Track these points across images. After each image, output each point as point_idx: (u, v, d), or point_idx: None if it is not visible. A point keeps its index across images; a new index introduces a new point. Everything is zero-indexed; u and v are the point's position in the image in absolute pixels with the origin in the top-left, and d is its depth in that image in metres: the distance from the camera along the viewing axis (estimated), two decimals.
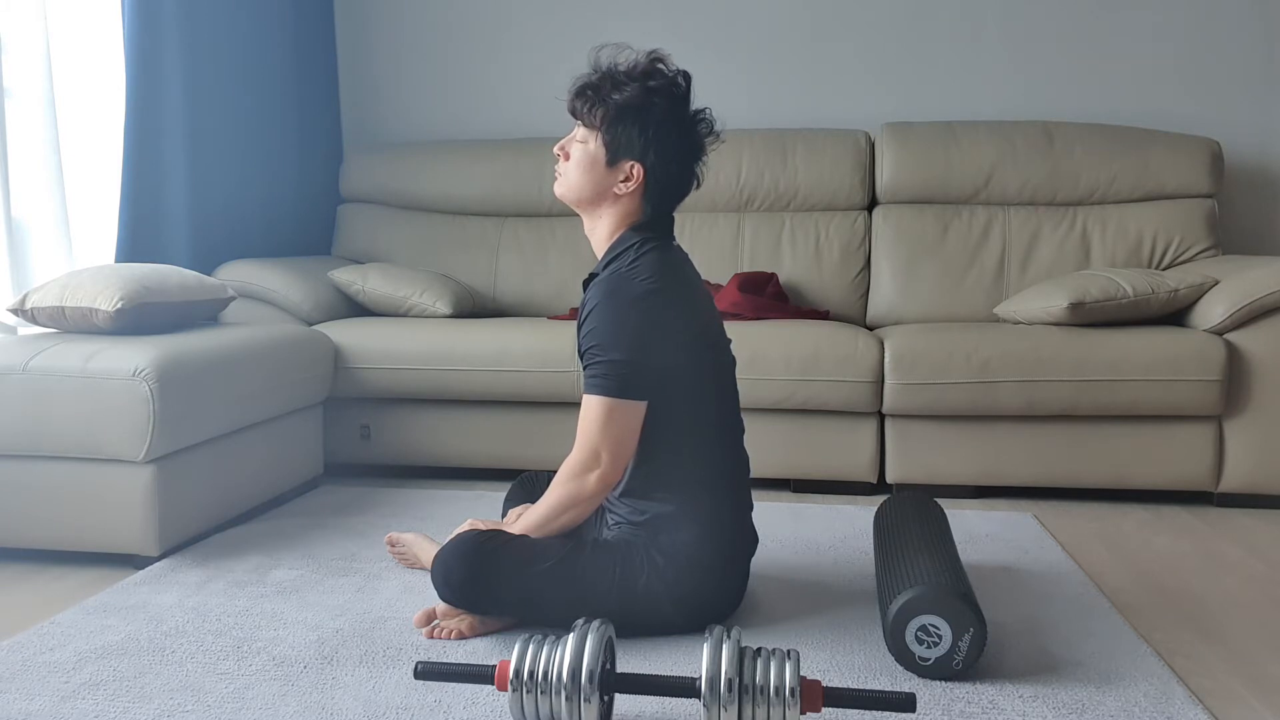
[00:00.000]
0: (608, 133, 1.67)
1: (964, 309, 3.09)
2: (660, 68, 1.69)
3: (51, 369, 2.05)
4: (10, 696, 1.47)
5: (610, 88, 1.66)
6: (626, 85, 1.66)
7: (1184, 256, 3.07)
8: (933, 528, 1.80)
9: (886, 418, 2.69)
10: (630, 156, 1.67)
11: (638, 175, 1.68)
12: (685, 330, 1.66)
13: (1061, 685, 1.51)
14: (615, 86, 1.66)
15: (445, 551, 1.65)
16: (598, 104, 1.67)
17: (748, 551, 1.78)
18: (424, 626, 1.71)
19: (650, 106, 1.66)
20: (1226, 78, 3.35)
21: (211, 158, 3.00)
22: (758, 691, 1.24)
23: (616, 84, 1.67)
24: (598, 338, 1.63)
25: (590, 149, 1.69)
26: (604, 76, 1.68)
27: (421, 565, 2.01)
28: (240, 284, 2.94)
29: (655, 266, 1.65)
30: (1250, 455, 2.55)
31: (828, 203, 3.30)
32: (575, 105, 1.70)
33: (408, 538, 2.05)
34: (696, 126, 1.71)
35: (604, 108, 1.66)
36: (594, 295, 1.67)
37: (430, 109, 3.74)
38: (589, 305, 1.67)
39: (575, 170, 1.71)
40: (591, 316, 1.65)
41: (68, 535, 2.08)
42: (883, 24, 3.50)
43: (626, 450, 1.64)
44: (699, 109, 1.72)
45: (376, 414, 2.87)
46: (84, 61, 2.83)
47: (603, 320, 1.63)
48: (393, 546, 2.07)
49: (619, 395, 1.62)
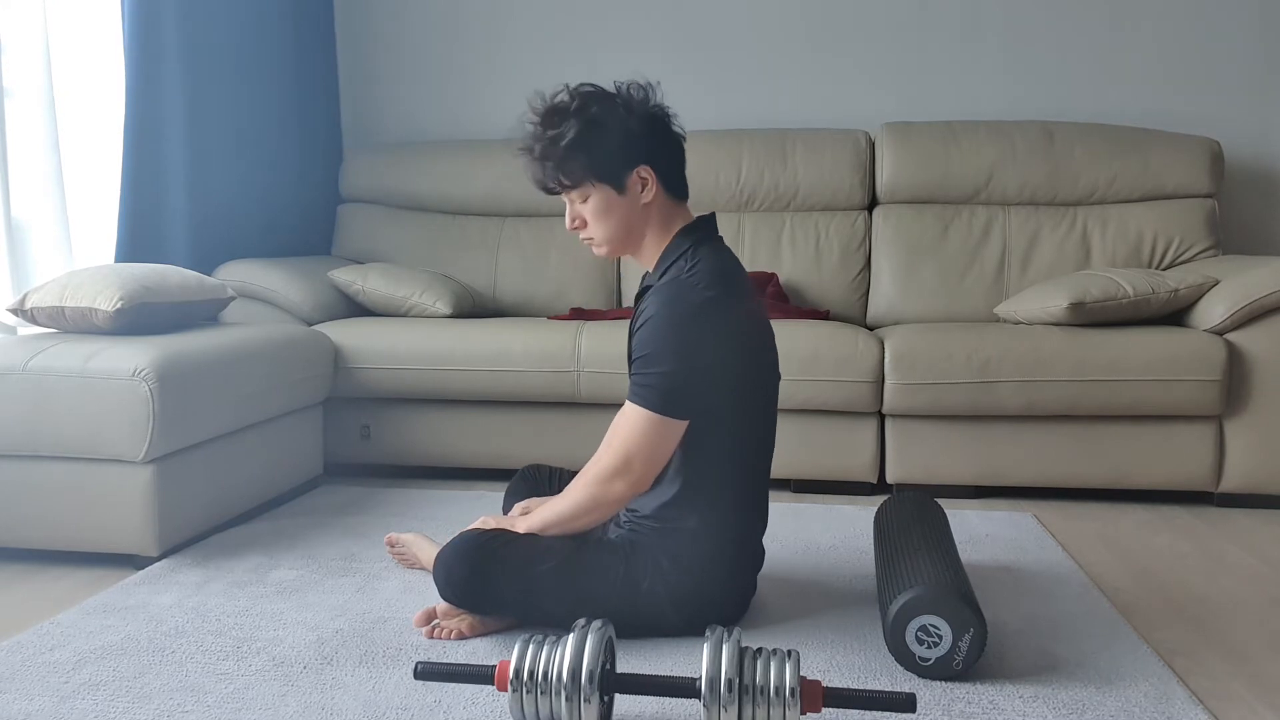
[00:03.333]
0: (593, 170, 1.62)
1: (964, 309, 3.09)
2: (562, 92, 1.65)
3: (51, 369, 2.05)
4: (10, 696, 1.47)
5: (555, 141, 1.61)
6: (562, 122, 1.61)
7: (1184, 256, 3.07)
8: (933, 528, 1.80)
9: (886, 418, 2.69)
10: (627, 167, 1.63)
11: (649, 175, 1.64)
12: (741, 341, 1.62)
13: (1061, 685, 1.51)
14: (556, 136, 1.61)
15: (447, 550, 1.65)
16: (562, 162, 1.62)
17: (757, 566, 1.78)
18: (424, 626, 1.71)
19: (594, 118, 1.61)
20: (1226, 78, 3.35)
21: (211, 158, 3.00)
22: (758, 692, 1.24)
23: (556, 133, 1.61)
24: (650, 347, 1.58)
25: (596, 198, 1.64)
26: (541, 139, 1.64)
27: (421, 565, 2.01)
28: (240, 284, 2.94)
29: (714, 274, 1.60)
30: (1250, 455, 2.55)
31: (828, 203, 3.30)
32: (546, 184, 1.67)
33: (407, 538, 2.04)
34: (629, 93, 1.65)
35: (571, 158, 1.61)
36: (651, 304, 1.61)
37: (430, 109, 3.74)
38: (645, 314, 1.61)
39: (601, 225, 1.66)
40: (647, 326, 1.60)
41: (68, 535, 2.08)
42: (883, 24, 3.49)
43: (660, 463, 1.61)
44: (599, 85, 1.67)
45: (376, 414, 2.87)
46: (84, 61, 2.83)
47: (657, 331, 1.58)
48: (392, 547, 2.07)
49: (662, 411, 1.57)
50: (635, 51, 3.58)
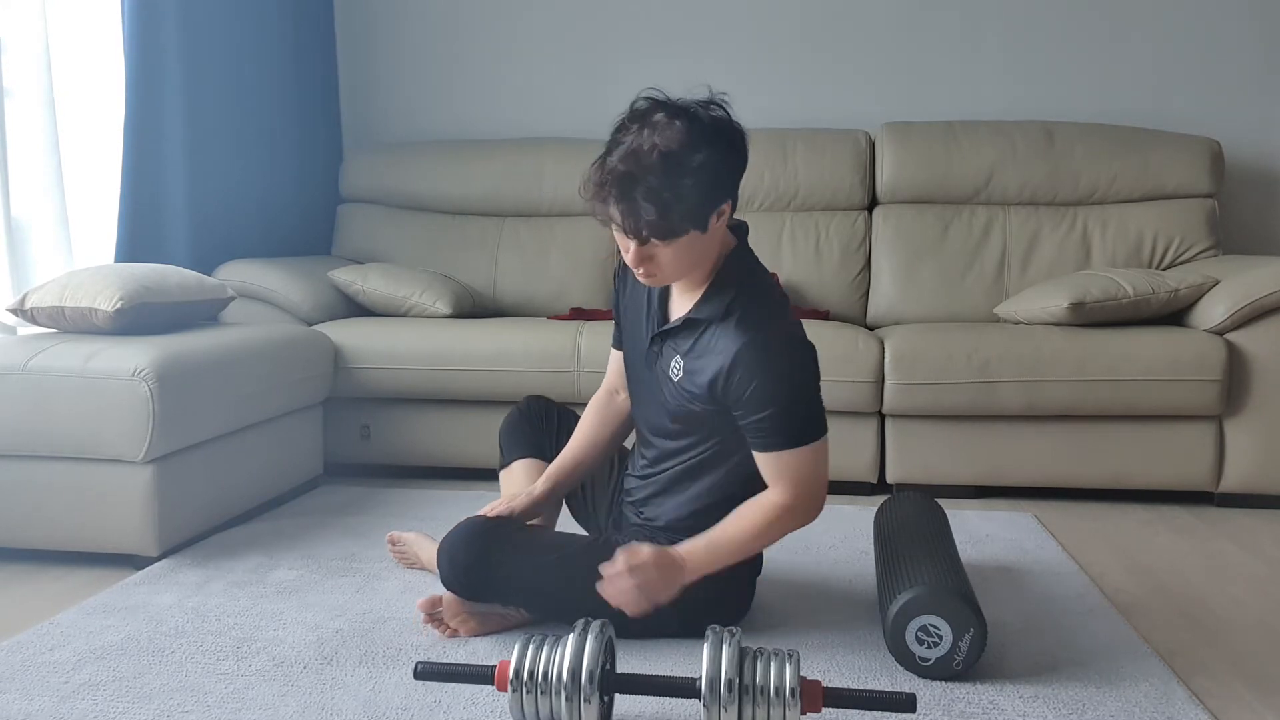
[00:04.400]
0: (690, 218, 1.44)
1: (964, 309, 3.09)
2: (658, 117, 1.43)
3: (51, 369, 2.05)
4: (10, 696, 1.47)
5: (659, 190, 1.40)
6: (669, 167, 1.40)
7: (1184, 256, 3.07)
8: (933, 528, 1.80)
9: (886, 418, 2.69)
10: (717, 206, 1.47)
11: (728, 207, 1.50)
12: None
13: (1061, 685, 1.51)
14: (661, 186, 1.40)
15: (452, 536, 1.64)
16: (666, 213, 1.41)
17: (757, 572, 1.79)
18: (426, 610, 1.69)
19: (704, 164, 1.42)
20: (1226, 78, 3.35)
21: (211, 158, 3.00)
22: (758, 692, 1.24)
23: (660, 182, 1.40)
24: (792, 390, 1.51)
25: (681, 241, 1.46)
26: (641, 183, 1.39)
27: (422, 565, 2.01)
28: (240, 284, 2.94)
29: (783, 305, 1.61)
30: (1250, 455, 2.55)
31: (828, 203, 3.30)
32: (639, 231, 1.43)
33: (409, 537, 2.04)
34: (728, 123, 1.49)
35: (674, 208, 1.41)
36: (747, 355, 1.48)
37: (430, 109, 3.74)
38: (743, 367, 1.48)
39: (675, 265, 1.49)
40: (760, 392, 1.48)
41: (67, 535, 2.08)
42: (883, 24, 3.49)
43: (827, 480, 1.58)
44: (692, 109, 1.48)
45: (376, 414, 2.87)
46: (84, 61, 2.83)
47: (773, 387, 1.49)
48: (393, 546, 2.07)
49: (821, 434, 1.54)
50: (635, 51, 3.58)
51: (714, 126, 1.46)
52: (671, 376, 1.60)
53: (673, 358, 1.60)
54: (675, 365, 1.59)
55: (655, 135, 1.42)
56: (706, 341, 1.55)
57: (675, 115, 1.45)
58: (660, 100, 1.48)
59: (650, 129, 1.43)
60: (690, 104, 1.48)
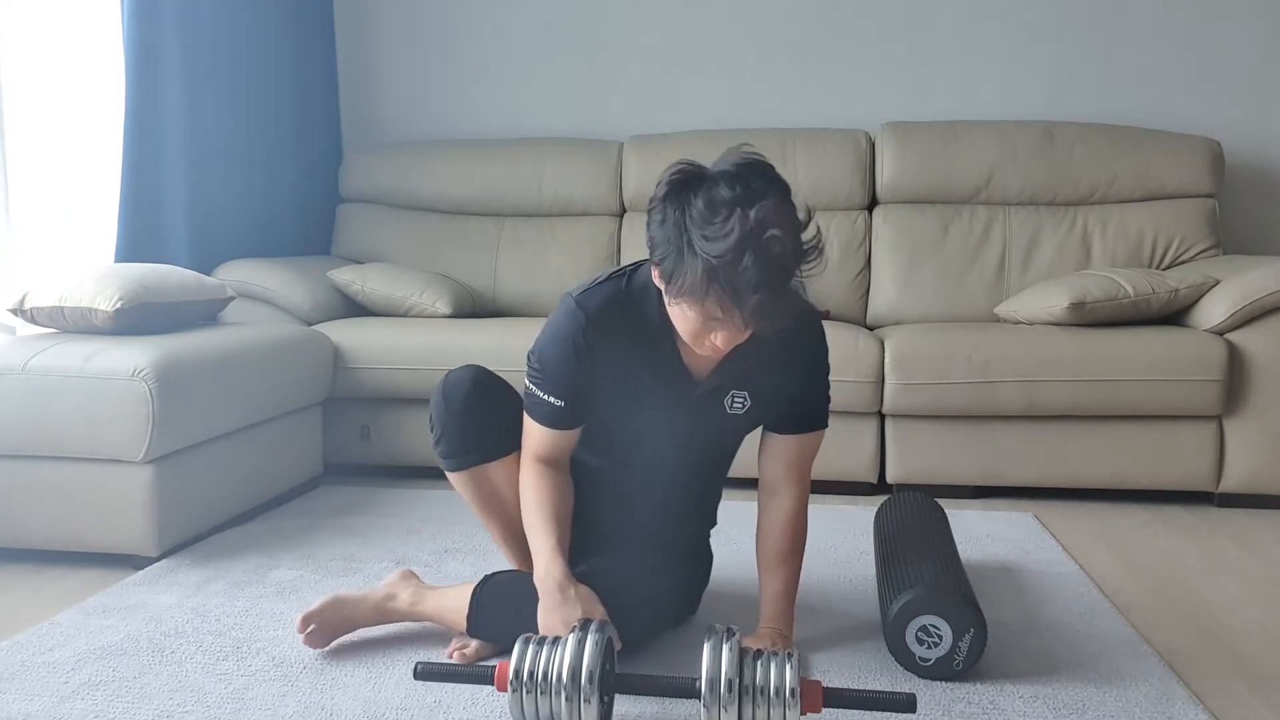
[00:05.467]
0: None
1: (964, 309, 3.09)
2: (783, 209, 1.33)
3: (51, 369, 2.05)
4: (10, 696, 1.47)
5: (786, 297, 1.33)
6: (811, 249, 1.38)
7: (1184, 256, 3.07)
8: (933, 528, 1.80)
9: (886, 418, 2.69)
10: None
11: None
12: None
13: (1062, 685, 1.51)
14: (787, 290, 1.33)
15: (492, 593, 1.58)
16: (780, 315, 1.33)
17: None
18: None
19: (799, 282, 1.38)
20: (1226, 78, 3.35)
21: (211, 158, 3.00)
22: (758, 692, 1.24)
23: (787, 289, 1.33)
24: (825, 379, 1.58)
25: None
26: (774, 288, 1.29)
27: (355, 626, 1.67)
28: (240, 284, 2.94)
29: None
30: (1251, 455, 2.55)
31: (828, 203, 3.30)
32: (749, 327, 1.32)
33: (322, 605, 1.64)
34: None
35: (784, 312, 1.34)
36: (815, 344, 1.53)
37: (430, 109, 3.74)
38: (823, 355, 1.54)
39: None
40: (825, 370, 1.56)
41: (67, 535, 2.08)
42: (883, 24, 3.49)
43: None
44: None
45: (376, 414, 2.87)
46: (84, 61, 2.83)
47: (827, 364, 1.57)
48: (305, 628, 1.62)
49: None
50: (636, 52, 3.58)
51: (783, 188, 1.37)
52: (733, 412, 1.53)
53: (727, 395, 1.51)
54: (735, 400, 1.52)
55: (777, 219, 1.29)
56: (776, 353, 1.47)
57: (775, 185, 1.37)
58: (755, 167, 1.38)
59: (774, 260, 1.27)
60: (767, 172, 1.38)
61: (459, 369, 1.67)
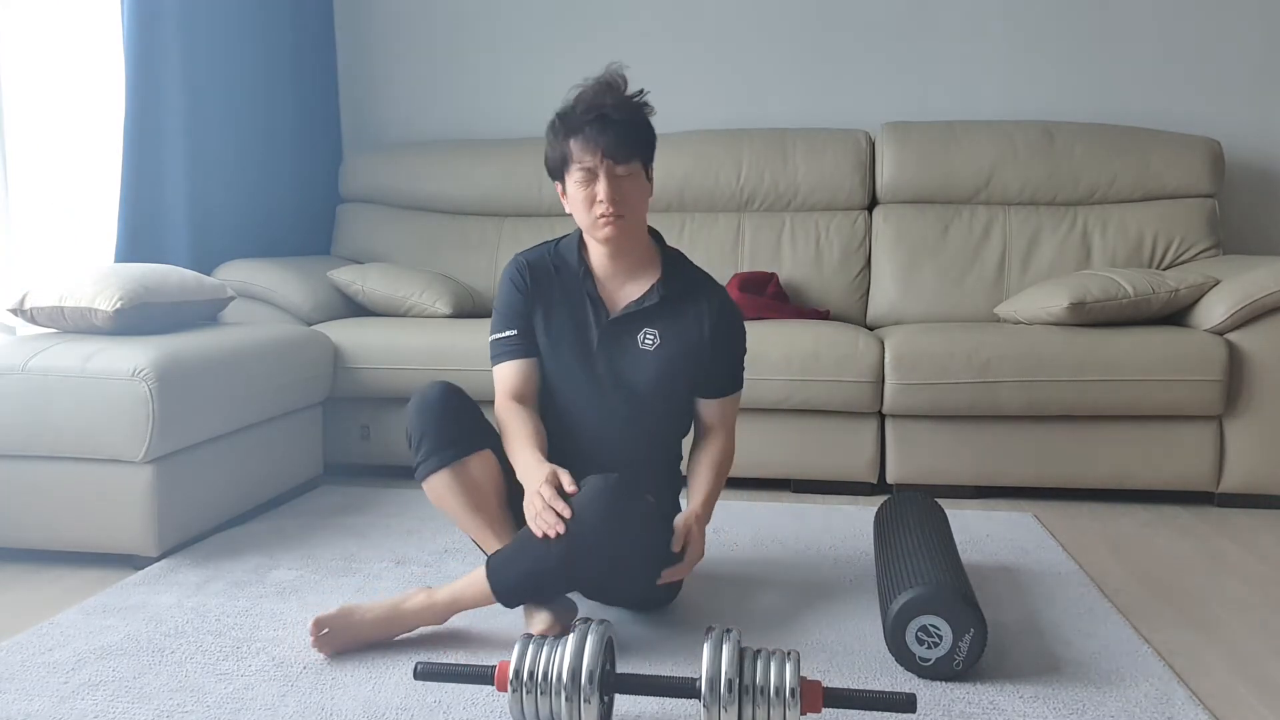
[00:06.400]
0: (650, 147, 1.72)
1: (964, 309, 3.09)
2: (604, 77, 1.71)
3: (51, 369, 2.05)
4: (10, 696, 1.47)
5: (639, 107, 1.69)
6: (639, 109, 1.70)
7: (1184, 256, 3.07)
8: (933, 528, 1.80)
9: (886, 418, 2.69)
10: (653, 157, 1.74)
11: (652, 174, 1.76)
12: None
13: (1062, 685, 1.51)
14: (638, 102, 1.69)
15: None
16: (640, 127, 1.69)
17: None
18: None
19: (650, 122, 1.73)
20: (1226, 78, 3.35)
21: (211, 158, 3.00)
22: (758, 692, 1.24)
23: (637, 99, 1.70)
24: (744, 347, 1.84)
25: (639, 178, 1.70)
26: (621, 99, 1.68)
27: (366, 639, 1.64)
28: (239, 284, 2.94)
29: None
30: (1250, 455, 2.55)
31: (828, 203, 3.30)
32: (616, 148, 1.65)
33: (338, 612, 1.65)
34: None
35: (646, 126, 1.71)
36: (729, 318, 1.78)
37: (430, 109, 3.74)
38: (733, 324, 1.79)
39: (639, 201, 1.71)
40: (738, 336, 1.81)
41: (67, 535, 2.08)
42: (883, 23, 3.49)
43: None
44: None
45: (376, 414, 2.87)
46: (84, 61, 2.83)
47: (742, 332, 1.83)
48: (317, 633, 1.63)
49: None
50: (636, 52, 3.58)
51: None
52: (645, 348, 1.74)
53: (639, 332, 1.74)
54: (647, 337, 1.74)
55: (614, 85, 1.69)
56: (685, 306, 1.76)
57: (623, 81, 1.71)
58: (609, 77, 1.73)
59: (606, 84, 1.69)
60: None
61: (427, 385, 1.76)
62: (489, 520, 1.72)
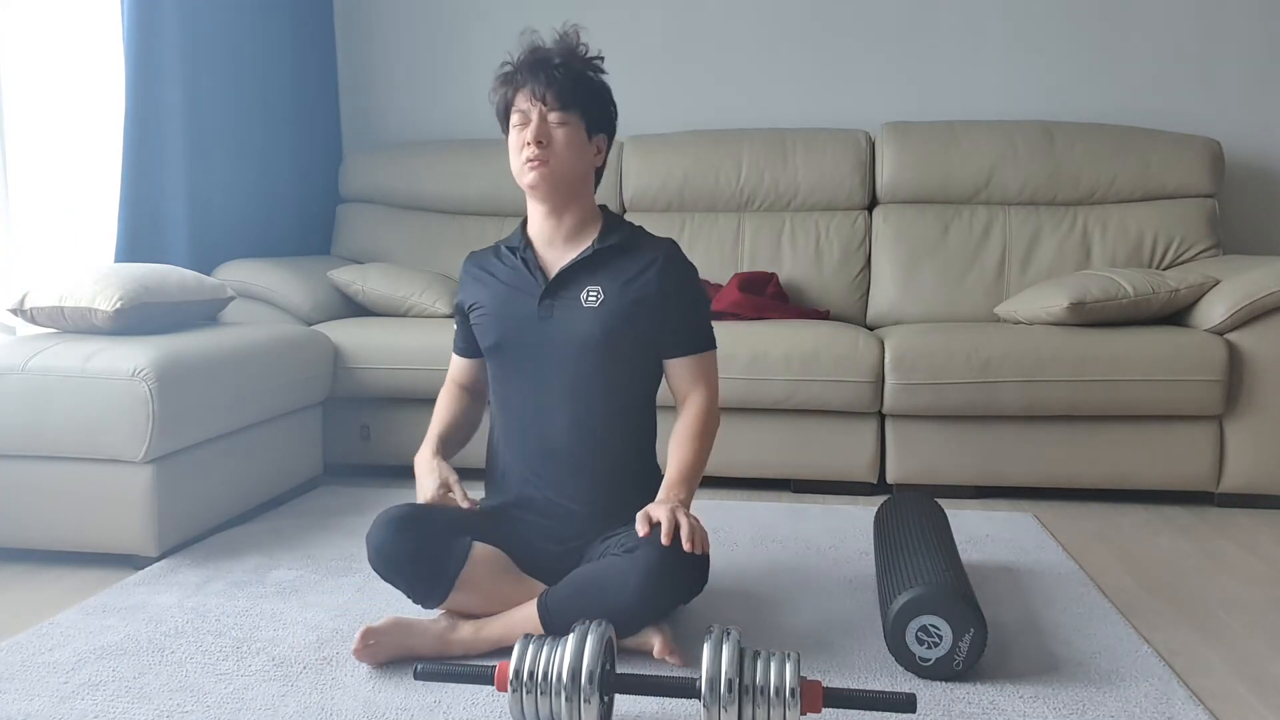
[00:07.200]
0: (590, 104, 1.71)
1: (964, 309, 3.09)
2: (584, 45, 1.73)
3: (51, 369, 2.05)
4: (10, 696, 1.47)
5: (586, 60, 1.71)
6: (585, 64, 1.71)
7: (1184, 256, 3.07)
8: (933, 528, 1.80)
9: (886, 418, 2.69)
10: (597, 129, 1.73)
11: (603, 148, 1.76)
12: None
13: (1062, 685, 1.51)
14: (586, 57, 1.71)
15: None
16: (581, 78, 1.70)
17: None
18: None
19: (603, 84, 1.75)
20: (1226, 78, 3.35)
21: (211, 158, 3.00)
22: (758, 692, 1.24)
23: (587, 54, 1.71)
24: (704, 300, 1.80)
25: (571, 130, 1.69)
26: (568, 48, 1.70)
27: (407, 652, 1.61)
28: (239, 284, 2.94)
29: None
30: (1251, 455, 2.55)
31: (828, 203, 3.30)
32: (548, 90, 1.67)
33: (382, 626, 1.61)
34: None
35: (586, 80, 1.70)
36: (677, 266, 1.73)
37: (430, 109, 3.74)
38: (685, 273, 1.74)
39: (568, 151, 1.68)
40: (692, 285, 1.75)
41: (67, 535, 2.08)
42: (883, 23, 3.49)
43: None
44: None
45: (376, 414, 2.87)
46: (84, 61, 2.83)
47: (698, 285, 1.77)
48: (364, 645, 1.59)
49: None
50: (636, 52, 3.58)
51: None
52: (588, 305, 1.70)
53: (582, 290, 1.70)
54: (590, 294, 1.70)
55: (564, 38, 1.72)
56: (627, 261, 1.72)
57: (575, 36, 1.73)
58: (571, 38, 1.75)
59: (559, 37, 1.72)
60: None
61: (372, 527, 1.63)
62: (518, 596, 1.64)
